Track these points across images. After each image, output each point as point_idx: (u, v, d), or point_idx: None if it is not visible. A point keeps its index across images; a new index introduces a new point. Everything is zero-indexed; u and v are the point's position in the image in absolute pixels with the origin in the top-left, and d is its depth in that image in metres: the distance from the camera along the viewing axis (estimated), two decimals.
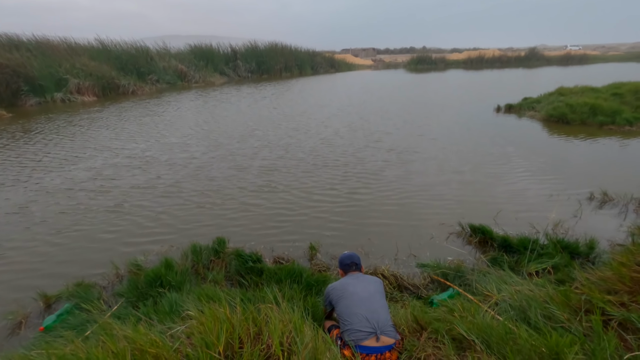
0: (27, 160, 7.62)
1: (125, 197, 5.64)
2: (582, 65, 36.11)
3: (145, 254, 4.02)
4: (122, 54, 20.64)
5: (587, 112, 9.76)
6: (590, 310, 2.07)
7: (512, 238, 3.85)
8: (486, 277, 3.03)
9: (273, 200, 5.45)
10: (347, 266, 2.51)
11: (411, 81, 25.36)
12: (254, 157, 7.54)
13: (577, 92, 12.18)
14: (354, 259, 2.53)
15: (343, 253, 2.65)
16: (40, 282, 3.62)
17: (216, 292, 2.65)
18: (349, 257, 2.55)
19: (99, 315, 2.94)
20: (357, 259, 2.55)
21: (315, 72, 33.98)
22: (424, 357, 2.01)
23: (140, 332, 1.57)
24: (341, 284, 2.38)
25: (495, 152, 7.54)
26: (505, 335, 1.83)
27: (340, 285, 2.36)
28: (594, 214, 4.72)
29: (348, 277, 2.45)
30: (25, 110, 14.24)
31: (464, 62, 42.54)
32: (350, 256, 2.56)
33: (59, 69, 16.44)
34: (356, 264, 2.52)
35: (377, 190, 5.71)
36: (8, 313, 3.16)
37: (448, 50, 63.94)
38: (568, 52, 47.34)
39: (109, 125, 10.92)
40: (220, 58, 27.16)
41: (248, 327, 1.63)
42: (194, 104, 15.07)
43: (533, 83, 20.45)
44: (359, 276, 2.45)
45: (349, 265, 2.51)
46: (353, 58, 48.24)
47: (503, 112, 12.02)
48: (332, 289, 2.39)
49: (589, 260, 3.49)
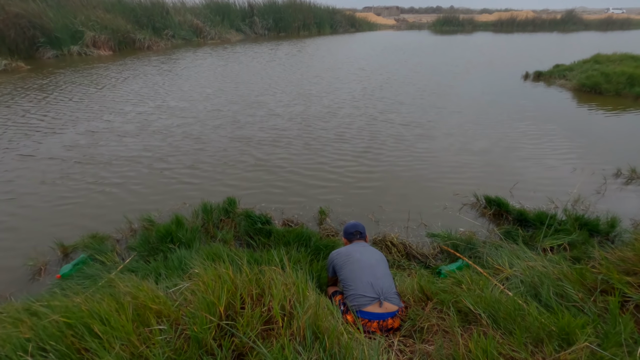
0: (36, 119, 7.71)
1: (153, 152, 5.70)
2: (623, 31, 33.25)
3: (158, 210, 4.10)
4: (137, 7, 20.07)
5: (624, 82, 9.05)
6: (606, 291, 1.99)
7: (528, 212, 3.72)
8: (498, 250, 2.95)
9: (286, 165, 5.40)
10: (352, 235, 2.52)
11: (434, 44, 24.04)
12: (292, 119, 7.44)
13: (615, 59, 11.27)
14: (359, 228, 2.54)
15: (348, 222, 2.66)
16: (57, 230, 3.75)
17: (223, 252, 2.67)
18: (353, 225, 2.57)
19: (112, 266, 3.05)
20: (361, 228, 2.55)
21: (335, 32, 32.48)
22: (427, 326, 2.00)
23: (143, 288, 1.58)
24: (347, 250, 2.39)
25: (517, 122, 7.17)
26: (513, 312, 1.78)
27: (346, 251, 2.37)
28: (618, 191, 4.49)
29: (353, 245, 2.45)
30: (43, 62, 14.22)
31: (494, 24, 39.76)
32: (355, 225, 2.57)
33: (74, 21, 16.17)
34: (360, 232, 2.53)
35: (392, 159, 5.57)
36: (28, 259, 3.30)
37: (477, 11, 59.69)
38: (609, 15, 43.47)
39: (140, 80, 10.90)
40: (237, 14, 26.13)
41: (251, 288, 1.62)
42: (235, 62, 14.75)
43: (567, 49, 19.05)
44: (363, 244, 2.46)
45: (353, 234, 2.52)
46: (375, 17, 45.72)
47: (531, 79, 11.32)
48: (337, 254, 2.39)
49: (608, 239, 3.35)
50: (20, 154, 5.66)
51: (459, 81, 11.23)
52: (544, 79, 11.17)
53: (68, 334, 1.50)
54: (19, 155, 5.64)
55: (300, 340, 1.45)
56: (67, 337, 1.48)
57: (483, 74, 12.51)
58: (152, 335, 1.48)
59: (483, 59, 16.08)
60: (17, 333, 1.59)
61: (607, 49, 13.18)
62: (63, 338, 1.49)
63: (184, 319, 1.56)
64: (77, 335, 1.50)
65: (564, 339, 1.58)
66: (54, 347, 1.47)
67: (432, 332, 1.95)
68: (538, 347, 1.61)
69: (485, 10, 60.00)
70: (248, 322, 1.48)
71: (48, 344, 1.49)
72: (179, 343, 1.47)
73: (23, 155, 5.64)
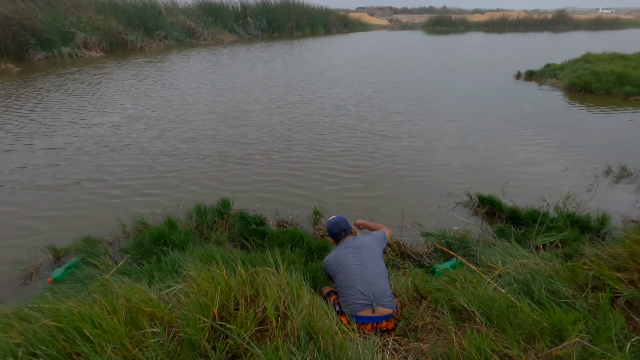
0: (32, 121, 7.61)
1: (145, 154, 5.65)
2: (613, 31, 33.75)
3: (152, 213, 4.06)
4: (129, 8, 19.93)
5: (614, 81, 9.18)
6: (597, 287, 2.02)
7: (520, 210, 3.75)
8: (491, 248, 2.97)
9: (281, 163, 5.39)
10: (337, 235, 2.41)
11: (428, 44, 24.17)
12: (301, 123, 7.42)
13: (604, 59, 11.44)
14: (342, 225, 2.41)
15: (328, 220, 2.49)
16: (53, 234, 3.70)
17: (217, 253, 2.66)
18: (335, 224, 2.42)
19: (105, 270, 3.01)
20: (344, 224, 2.42)
21: (328, 32, 32.54)
22: (422, 325, 2.00)
23: (135, 290, 1.57)
24: (334, 258, 2.30)
25: (509, 121, 7.24)
26: (506, 309, 1.79)
27: (334, 260, 2.29)
28: (609, 188, 4.55)
29: (340, 247, 2.35)
30: (34, 64, 14.05)
31: (485, 24, 40.11)
32: (337, 223, 2.42)
33: (65, 22, 16.01)
34: (345, 230, 2.40)
35: (385, 159, 5.58)
36: (19, 263, 3.26)
37: (469, 11, 60.20)
38: (599, 15, 44.06)
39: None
40: (230, 14, 26.07)
41: (245, 289, 1.61)
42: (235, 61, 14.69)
43: (558, 48, 19.28)
44: (350, 242, 2.35)
45: (338, 234, 2.40)
46: (368, 17, 45.92)
47: (523, 79, 11.43)
48: (327, 264, 2.32)
49: (599, 236, 3.40)
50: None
51: (450, 81, 11.30)
52: (536, 78, 11.29)
53: (59, 338, 1.48)
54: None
55: (295, 341, 1.45)
56: (58, 341, 1.46)
57: (475, 73, 12.61)
58: (145, 338, 1.47)
59: (474, 58, 16.21)
60: (7, 338, 1.57)
61: (597, 49, 13.37)
62: (54, 342, 1.47)
63: (177, 321, 1.55)
64: (68, 340, 1.48)
65: (555, 335, 1.60)
66: (44, 351, 1.45)
67: (426, 331, 1.96)
68: (530, 344, 1.62)
69: (477, 10, 60.51)
70: (242, 323, 1.48)
71: (38, 348, 1.46)
72: (173, 346, 1.46)
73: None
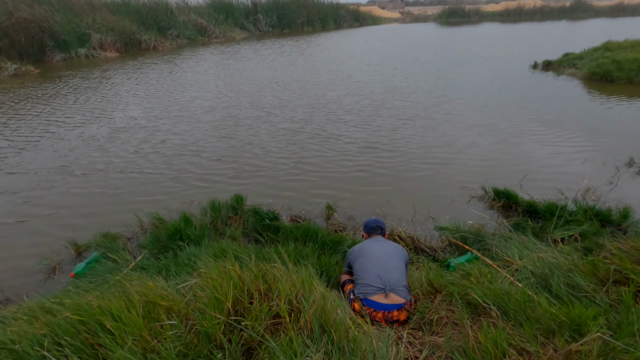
0: (52, 118, 7.83)
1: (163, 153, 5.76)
2: (635, 17, 32.41)
3: (167, 208, 4.14)
4: (142, 8, 20.23)
5: (637, 69, 8.84)
6: (618, 281, 1.96)
7: (538, 203, 3.67)
8: (507, 242, 2.92)
9: (294, 159, 5.41)
10: (372, 229, 2.58)
11: (441, 35, 23.74)
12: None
13: (627, 46, 10.98)
14: (379, 223, 2.62)
15: (369, 217, 2.74)
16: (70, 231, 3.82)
17: (231, 248, 2.69)
18: (374, 221, 2.64)
19: (124, 264, 3.10)
20: (382, 224, 2.63)
21: (339, 27, 32.34)
22: (437, 319, 1.99)
23: (152, 286, 1.61)
24: (361, 245, 2.48)
25: (526, 112, 7.06)
26: (523, 303, 1.76)
27: (360, 246, 2.46)
28: (631, 180, 4.40)
29: (370, 240, 2.52)
30: (52, 65, 14.42)
31: (500, 14, 39.15)
32: (376, 220, 2.65)
33: (80, 24, 16.36)
34: (381, 227, 2.60)
35: (399, 153, 5.53)
36: (43, 259, 3.37)
37: (484, 1, 58.70)
38: (621, 1, 42.34)
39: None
40: (240, 11, 26.20)
41: (258, 284, 1.63)
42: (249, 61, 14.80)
43: (577, 37, 18.66)
44: (380, 239, 2.51)
45: (373, 229, 2.58)
46: (379, 10, 45.40)
47: (540, 69, 11.12)
48: (351, 250, 2.48)
49: (620, 229, 3.29)
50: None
51: (466, 71, 11.09)
52: (553, 68, 10.97)
53: (82, 330, 1.54)
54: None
55: (308, 334, 1.47)
56: (80, 333, 1.52)
57: (491, 63, 12.34)
58: (163, 330, 1.50)
59: (490, 49, 15.84)
60: (33, 329, 1.63)
61: (619, 36, 12.86)
62: (77, 334, 1.53)
63: (194, 314, 1.58)
64: (90, 332, 1.54)
65: (575, 330, 1.56)
66: (69, 342, 1.50)
67: (441, 325, 1.95)
68: (549, 339, 1.59)
69: (491, 0, 58.93)
70: (256, 317, 1.50)
71: (63, 339, 1.52)
72: (190, 338, 1.50)
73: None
